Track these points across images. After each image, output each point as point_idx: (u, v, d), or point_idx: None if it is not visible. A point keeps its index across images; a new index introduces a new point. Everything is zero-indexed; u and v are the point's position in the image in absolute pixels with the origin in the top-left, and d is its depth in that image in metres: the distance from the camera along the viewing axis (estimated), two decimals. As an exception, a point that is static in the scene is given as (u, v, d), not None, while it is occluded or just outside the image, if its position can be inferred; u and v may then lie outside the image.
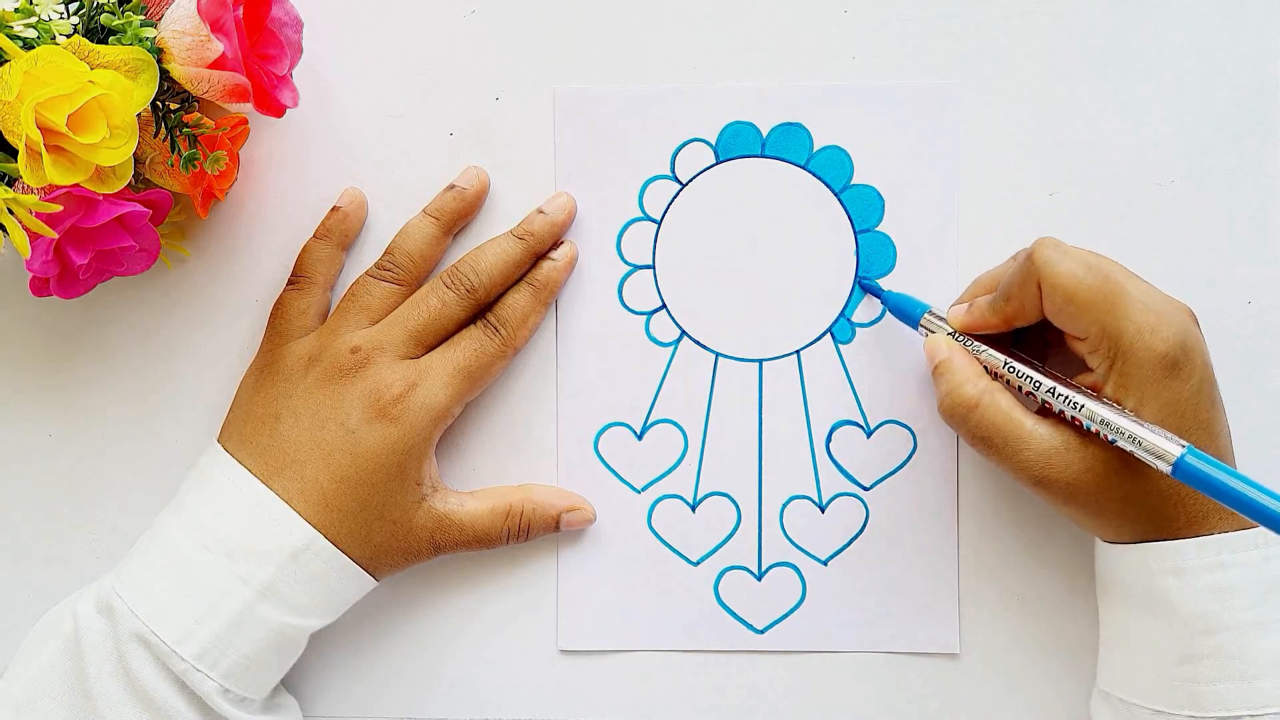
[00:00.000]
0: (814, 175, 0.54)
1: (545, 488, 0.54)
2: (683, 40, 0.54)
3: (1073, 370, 0.48)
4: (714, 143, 0.54)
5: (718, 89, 0.54)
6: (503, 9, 0.55)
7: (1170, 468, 0.44)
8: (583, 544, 0.55)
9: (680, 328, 0.54)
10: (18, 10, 0.45)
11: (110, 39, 0.46)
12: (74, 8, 0.46)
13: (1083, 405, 0.46)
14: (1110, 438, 0.45)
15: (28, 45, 0.44)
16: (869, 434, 0.54)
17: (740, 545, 0.54)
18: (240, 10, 0.46)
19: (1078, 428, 0.47)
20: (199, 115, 0.49)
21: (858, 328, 0.54)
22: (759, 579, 0.54)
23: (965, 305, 0.50)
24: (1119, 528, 0.47)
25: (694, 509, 0.54)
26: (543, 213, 0.54)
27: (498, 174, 0.54)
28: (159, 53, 0.47)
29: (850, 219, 0.54)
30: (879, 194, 0.54)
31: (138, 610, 0.48)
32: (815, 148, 0.54)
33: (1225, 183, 0.53)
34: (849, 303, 0.54)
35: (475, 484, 0.55)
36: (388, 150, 0.55)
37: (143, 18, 0.46)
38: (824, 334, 0.54)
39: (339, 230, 0.54)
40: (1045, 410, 0.48)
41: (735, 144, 0.54)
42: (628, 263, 0.55)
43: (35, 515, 0.55)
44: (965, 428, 0.48)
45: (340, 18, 0.55)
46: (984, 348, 0.49)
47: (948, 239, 0.54)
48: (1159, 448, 0.44)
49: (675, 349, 0.54)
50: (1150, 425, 0.45)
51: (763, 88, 0.54)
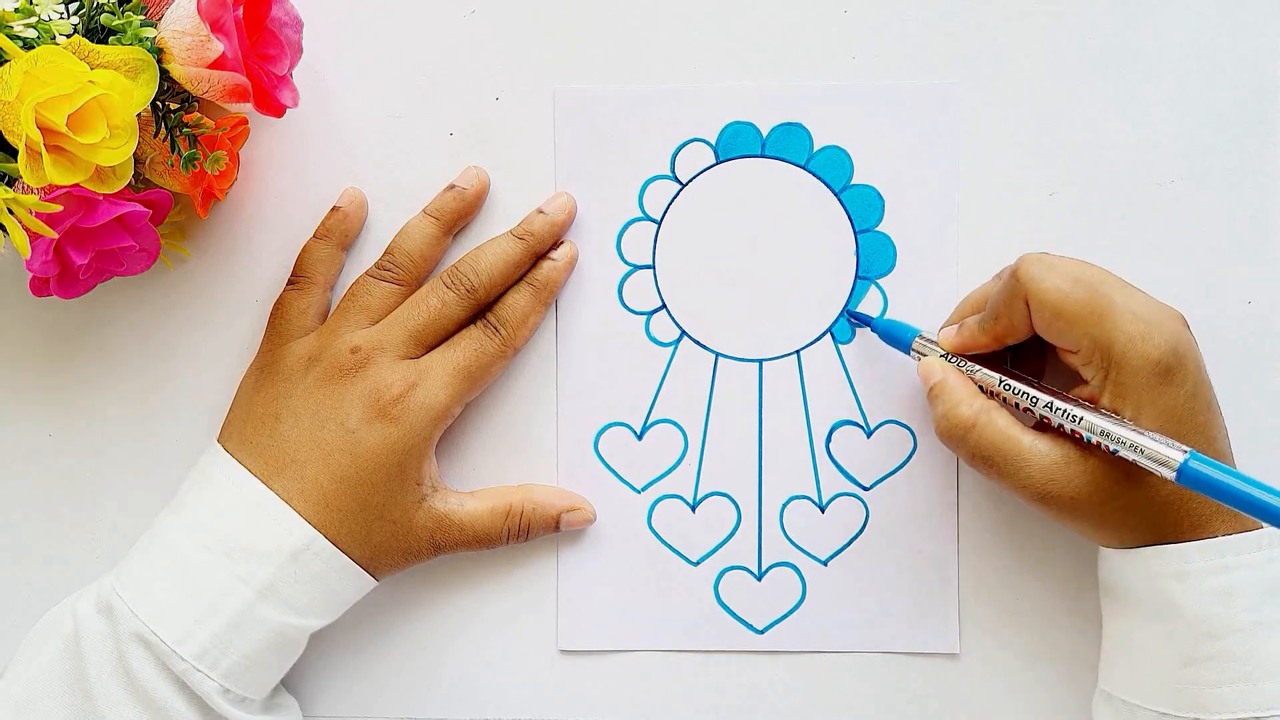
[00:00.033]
0: (814, 175, 0.54)
1: (545, 488, 0.54)
2: (683, 40, 0.54)
3: (1068, 384, 0.48)
4: (714, 143, 0.54)
5: (718, 89, 0.54)
6: (503, 9, 0.55)
7: (1174, 474, 0.44)
8: (583, 544, 0.55)
9: (680, 328, 0.54)
10: (18, 10, 0.45)
11: (110, 39, 0.46)
12: (74, 8, 0.46)
13: (1082, 418, 0.46)
14: (1112, 448, 0.45)
15: (28, 45, 0.44)
16: (869, 434, 0.54)
17: (740, 545, 0.54)
18: (240, 10, 0.46)
19: (1076, 441, 0.47)
20: (199, 115, 0.49)
21: (858, 328, 0.54)
22: (759, 579, 0.54)
23: (955, 327, 0.50)
24: (1123, 535, 0.47)
25: (694, 509, 0.54)
26: (543, 213, 0.54)
27: (498, 174, 0.54)
28: (159, 53, 0.47)
29: (850, 219, 0.54)
30: (879, 194, 0.54)
31: (138, 610, 0.48)
32: (815, 148, 0.54)
33: (1225, 183, 0.53)
34: (849, 303, 0.54)
35: (475, 484, 0.55)
36: (388, 150, 0.55)
37: (143, 18, 0.46)
38: (824, 334, 0.54)
39: (339, 230, 0.54)
40: (1042, 426, 0.48)
41: (735, 144, 0.54)
42: (628, 263, 0.55)
43: (35, 515, 0.55)
44: (964, 448, 0.48)
45: (340, 18, 0.55)
46: (978, 367, 0.49)
47: (948, 239, 0.54)
48: (1161, 454, 0.44)
49: (675, 349, 0.54)
50: (1151, 433, 0.45)
51: (763, 88, 0.54)
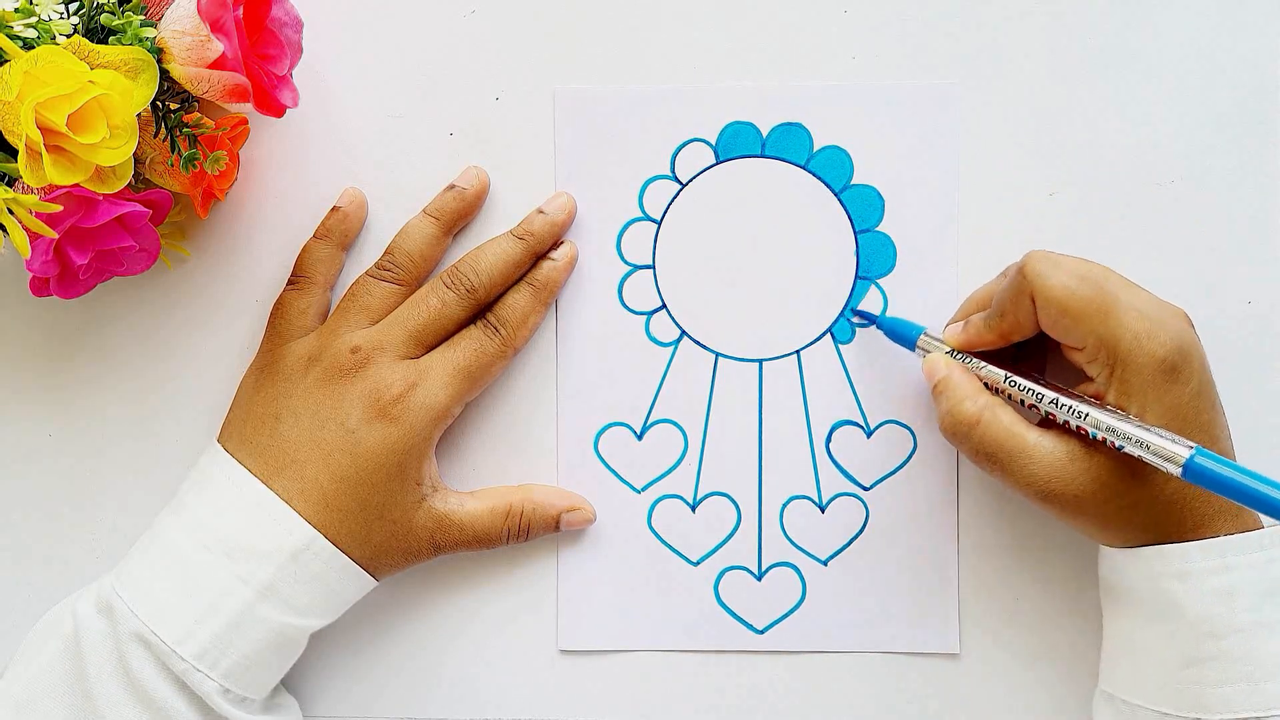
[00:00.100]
0: (814, 175, 0.54)
1: (545, 488, 0.54)
2: (683, 40, 0.54)
3: (1072, 381, 0.48)
4: (714, 143, 0.54)
5: (718, 89, 0.54)
6: (503, 9, 0.55)
7: (1180, 469, 0.44)
8: (583, 544, 0.55)
9: (680, 328, 0.54)
10: (18, 10, 0.45)
11: (110, 39, 0.46)
12: (74, 8, 0.46)
13: (1087, 414, 0.46)
14: (1117, 444, 0.45)
15: (28, 45, 0.44)
16: (869, 434, 0.54)
17: (740, 545, 0.54)
18: (240, 10, 0.46)
19: (1081, 438, 0.47)
20: (199, 115, 0.49)
21: (858, 328, 0.54)
22: (759, 579, 0.54)
23: (961, 324, 0.51)
24: (1125, 534, 0.47)
25: (694, 509, 0.54)
26: (543, 213, 0.54)
27: (498, 174, 0.54)
28: (159, 53, 0.47)
29: (850, 219, 0.54)
30: (879, 194, 0.54)
31: (138, 610, 0.48)
32: (815, 148, 0.54)
33: (1225, 183, 0.53)
34: (849, 303, 0.54)
35: (475, 484, 0.55)
36: (388, 150, 0.55)
37: (143, 18, 0.46)
38: (824, 334, 0.54)
39: (339, 230, 0.54)
40: (1046, 424, 0.48)
41: (735, 144, 0.54)
42: (628, 263, 0.55)
43: (35, 515, 0.55)
44: (968, 444, 0.48)
45: (340, 18, 0.55)
46: (983, 364, 0.49)
47: (948, 239, 0.54)
48: (1167, 450, 0.44)
49: (675, 349, 0.54)
50: (1157, 429, 0.45)
51: (763, 88, 0.54)
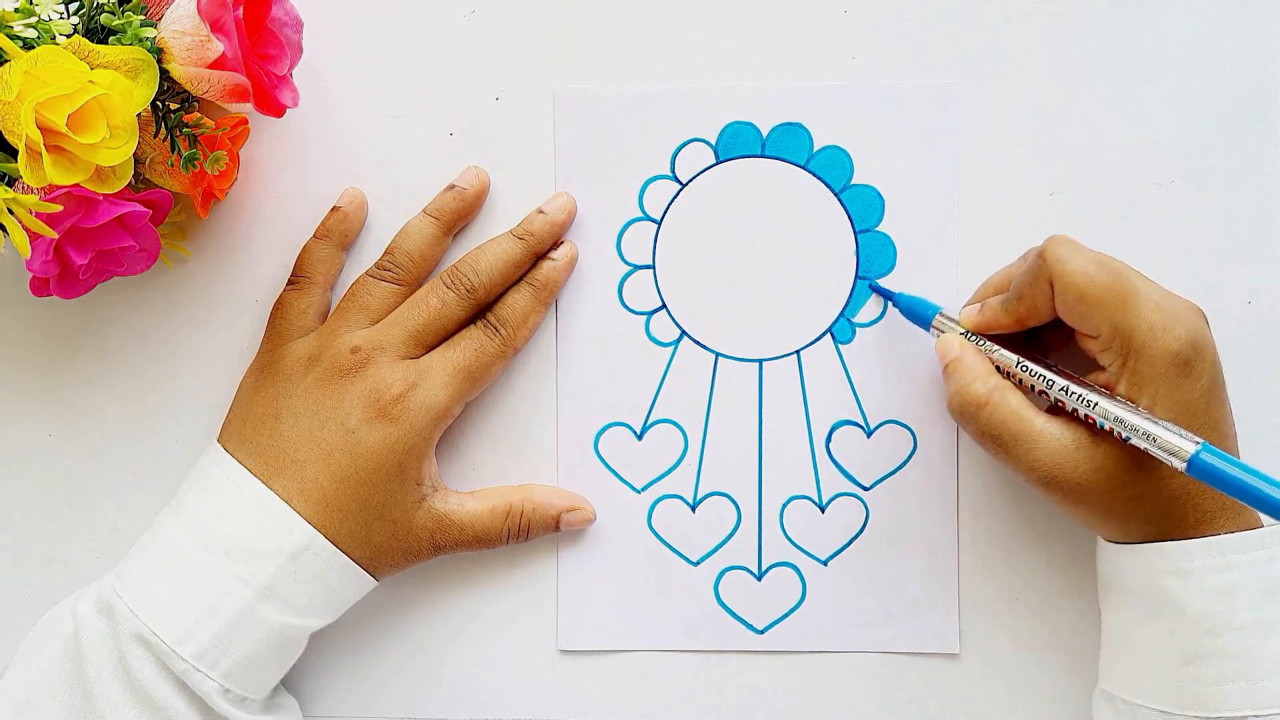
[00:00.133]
0: (814, 175, 0.54)
1: (545, 488, 0.54)
2: (683, 40, 0.54)
3: (1083, 370, 0.48)
4: (714, 143, 0.54)
5: (718, 89, 0.54)
6: (503, 9, 0.55)
7: (1185, 464, 0.44)
8: (583, 544, 0.55)
9: (680, 328, 0.54)
10: (18, 10, 0.45)
11: (110, 39, 0.46)
12: (74, 8, 0.46)
13: (1096, 403, 0.46)
14: (1124, 435, 0.45)
15: (28, 45, 0.44)
16: (869, 434, 0.54)
17: (740, 545, 0.54)
18: (240, 10, 0.46)
19: (1088, 427, 0.47)
20: (199, 115, 0.49)
21: (858, 328, 0.54)
22: (759, 579, 0.54)
23: (977, 306, 0.51)
24: (1127, 528, 0.47)
25: (694, 509, 0.54)
26: (543, 213, 0.54)
27: (498, 174, 0.54)
28: (159, 53, 0.47)
29: (850, 219, 0.54)
30: (879, 194, 0.54)
31: (138, 610, 0.48)
32: (815, 148, 0.54)
33: (1225, 183, 0.53)
34: (849, 303, 0.54)
35: (475, 484, 0.55)
36: (388, 150, 0.55)
37: (143, 18, 0.46)
38: (824, 334, 0.54)
39: (339, 230, 0.54)
40: (1054, 411, 0.48)
41: (735, 144, 0.54)
42: (628, 263, 0.55)
43: (35, 515, 0.55)
44: (975, 425, 0.48)
45: (340, 18, 0.55)
46: (996, 347, 0.49)
47: (948, 239, 0.54)
48: (1174, 444, 0.44)
49: (675, 349, 0.54)
50: (1164, 423, 0.45)
51: (763, 88, 0.54)
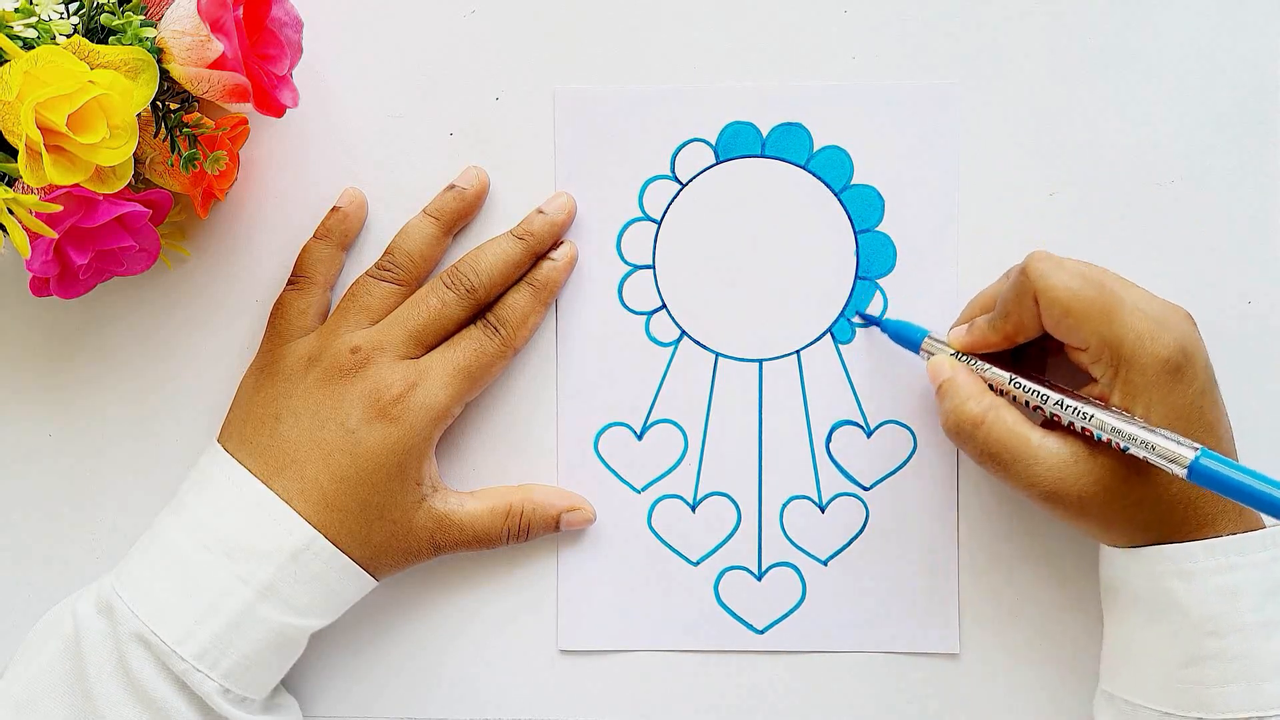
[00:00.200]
0: (814, 175, 0.54)
1: (545, 488, 0.54)
2: (683, 40, 0.54)
3: (1076, 383, 0.48)
4: (714, 143, 0.54)
5: (718, 89, 0.54)
6: (503, 9, 0.54)
7: (1185, 471, 0.44)
8: (583, 544, 0.55)
9: (680, 328, 0.54)
10: (18, 10, 0.45)
11: (110, 39, 0.46)
12: (74, 8, 0.46)
13: (1092, 415, 0.46)
14: (1123, 445, 0.45)
15: (28, 45, 0.44)
16: (869, 434, 0.54)
17: (740, 545, 0.54)
18: (240, 10, 0.46)
19: (1085, 439, 0.47)
20: (199, 115, 0.49)
21: (858, 328, 0.54)
22: (759, 579, 0.54)
23: (965, 326, 0.51)
24: (1128, 534, 0.47)
25: (694, 509, 0.54)
26: (543, 213, 0.54)
27: (498, 174, 0.54)
28: (159, 53, 0.47)
29: (850, 219, 0.54)
30: (879, 194, 0.54)
31: (138, 610, 0.48)
32: (815, 148, 0.54)
33: (1225, 183, 0.53)
34: (849, 303, 0.54)
35: (475, 484, 0.55)
36: (388, 150, 0.55)
37: (143, 18, 0.46)
38: (824, 334, 0.54)
39: (339, 230, 0.54)
40: (1050, 425, 0.48)
41: (735, 144, 0.54)
42: (628, 263, 0.55)
43: (35, 515, 0.55)
44: (972, 445, 0.48)
45: (340, 18, 0.55)
46: (988, 366, 0.49)
47: (948, 239, 0.54)
48: (1173, 452, 0.44)
49: (675, 349, 0.54)
50: (1161, 430, 0.45)
51: (763, 88, 0.54)
